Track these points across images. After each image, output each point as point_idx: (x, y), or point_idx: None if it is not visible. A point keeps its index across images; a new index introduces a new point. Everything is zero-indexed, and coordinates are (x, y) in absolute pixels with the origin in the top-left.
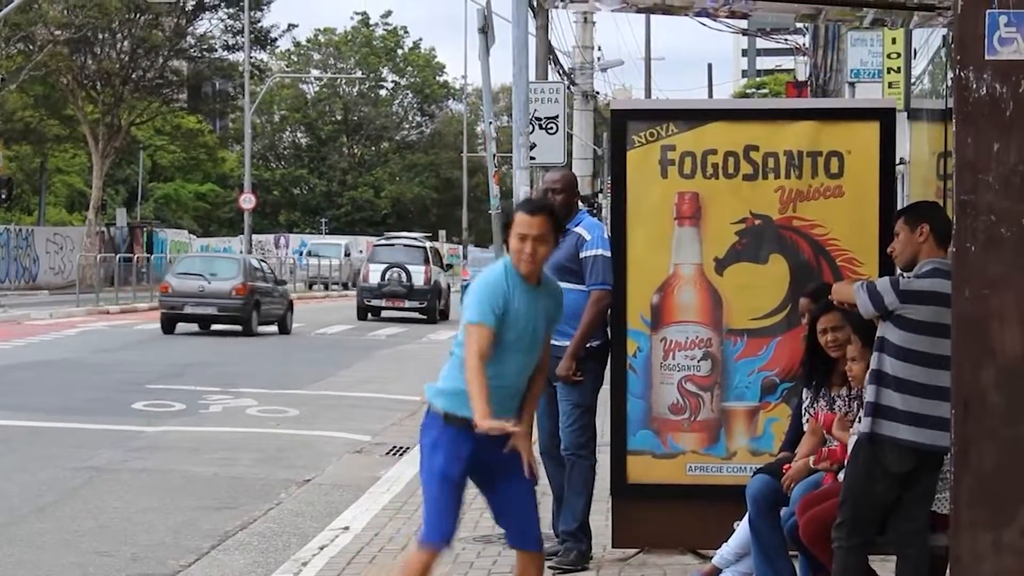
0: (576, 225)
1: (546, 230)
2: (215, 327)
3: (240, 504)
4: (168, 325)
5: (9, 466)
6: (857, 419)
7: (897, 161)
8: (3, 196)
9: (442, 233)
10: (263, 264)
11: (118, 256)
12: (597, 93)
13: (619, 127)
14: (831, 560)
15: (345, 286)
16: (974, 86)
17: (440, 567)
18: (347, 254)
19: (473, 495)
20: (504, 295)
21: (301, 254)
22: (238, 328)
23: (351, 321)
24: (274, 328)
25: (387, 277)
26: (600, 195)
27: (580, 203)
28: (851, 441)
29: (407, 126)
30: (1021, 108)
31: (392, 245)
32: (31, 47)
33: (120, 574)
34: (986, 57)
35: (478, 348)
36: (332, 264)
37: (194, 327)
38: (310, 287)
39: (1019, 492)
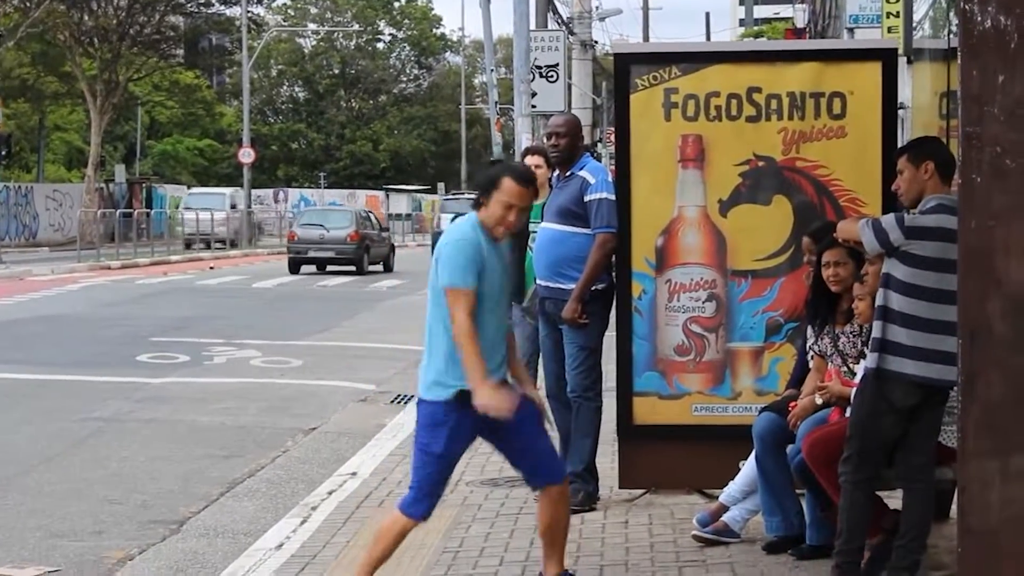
0: (580, 169)
1: (531, 200)
2: (330, 268)
3: (247, 452)
4: (294, 267)
5: (17, 418)
6: (861, 356)
7: (898, 106)
8: (2, 153)
9: (441, 186)
10: (371, 215)
11: (118, 212)
12: (596, 42)
13: (622, 71)
14: (837, 490)
15: (235, 243)
16: (979, 19)
17: (447, 510)
18: (233, 206)
19: (478, 440)
20: (480, 254)
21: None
22: (352, 268)
23: (350, 274)
24: (380, 267)
25: None
26: (600, 144)
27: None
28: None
29: (405, 79)
30: None
31: (458, 199)
32: (28, 4)
33: (130, 521)
34: None
35: (467, 313)
36: (216, 218)
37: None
38: (188, 247)
39: None
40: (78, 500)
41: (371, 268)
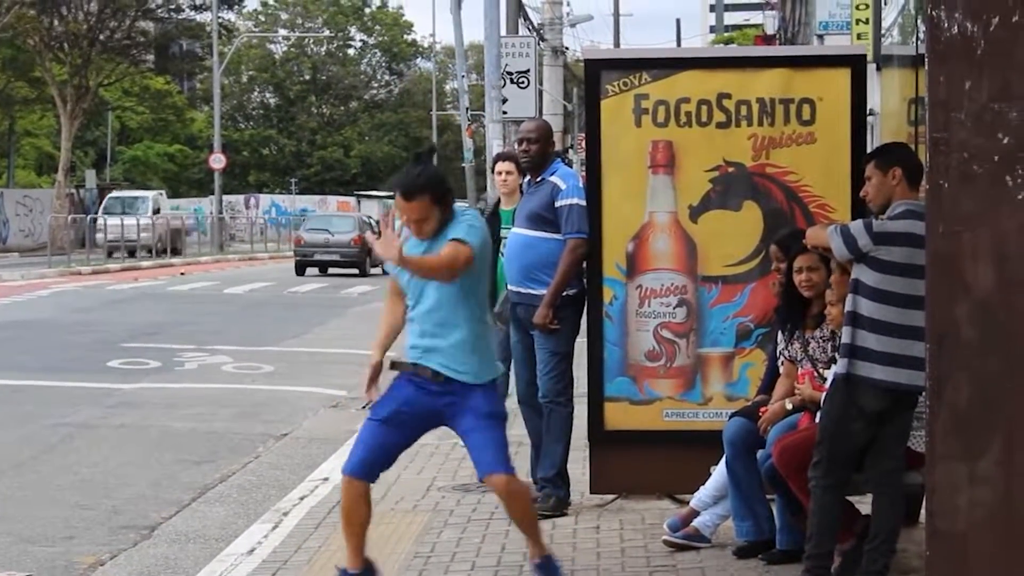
0: (551, 175)
1: (424, 213)
2: (332, 271)
3: (219, 458)
4: (300, 269)
5: None
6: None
7: (867, 112)
8: None
9: None
10: (372, 220)
11: (88, 218)
12: (567, 49)
13: (592, 76)
14: (807, 495)
15: (162, 252)
16: (946, 25)
17: (419, 516)
18: (156, 211)
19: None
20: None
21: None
22: (355, 271)
23: (323, 279)
24: (379, 270)
25: None
26: (571, 150)
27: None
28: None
29: (376, 85)
30: (992, 46)
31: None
32: None
33: (102, 527)
34: None
35: (389, 287)
36: (140, 224)
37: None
38: (109, 255)
39: (992, 424)
40: (49, 505)
41: (373, 271)
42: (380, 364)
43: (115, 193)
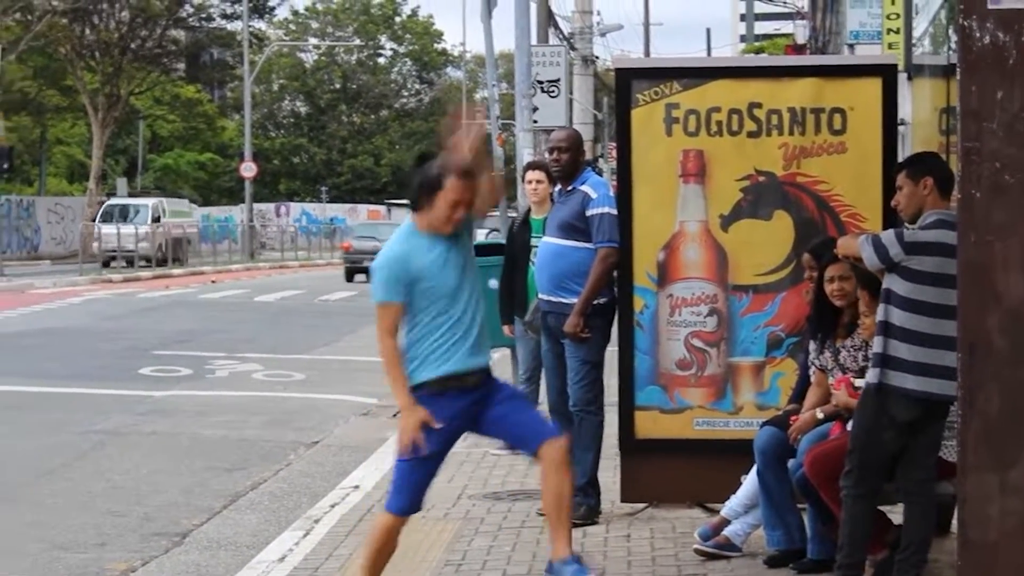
0: (582, 183)
1: (473, 195)
2: None
3: (250, 465)
4: (350, 275)
5: (19, 431)
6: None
7: (898, 122)
8: (4, 166)
9: None
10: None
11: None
12: (597, 58)
13: (623, 86)
14: (839, 505)
15: (163, 262)
16: (978, 35)
17: (450, 523)
18: (156, 219)
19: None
20: (408, 266)
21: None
22: None
23: (353, 287)
24: None
25: None
26: (602, 159)
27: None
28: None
29: (406, 94)
30: None
31: None
32: (30, 17)
33: (134, 533)
34: (989, 6)
35: (387, 331)
36: (139, 233)
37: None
38: (106, 265)
39: None
40: (80, 512)
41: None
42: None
43: (113, 200)
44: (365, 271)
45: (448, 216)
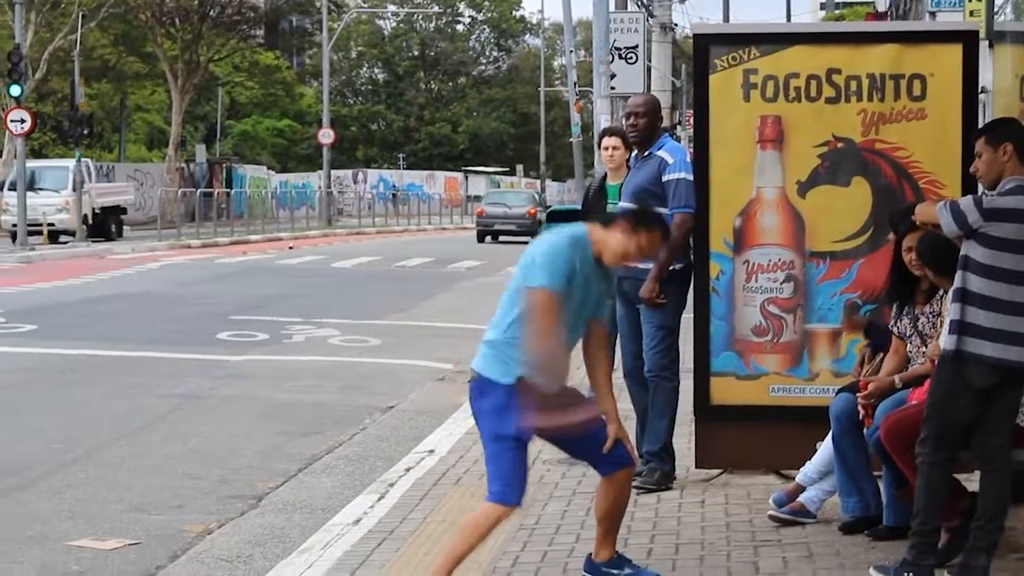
0: (659, 149)
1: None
2: (503, 239)
3: (325, 430)
4: (481, 237)
5: (98, 394)
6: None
7: (979, 90)
8: (84, 133)
9: (519, 167)
10: (540, 195)
11: (198, 192)
12: (675, 25)
13: (702, 51)
14: (914, 473)
15: (95, 236)
16: None
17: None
18: (78, 185)
19: None
20: (572, 263)
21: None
22: (528, 239)
23: (430, 253)
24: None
25: None
26: (679, 126)
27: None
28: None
29: (484, 61)
30: None
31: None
32: None
33: (209, 496)
34: None
35: (549, 323)
36: (55, 204)
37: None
38: (14, 239)
39: None
40: (158, 475)
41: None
42: None
43: (31, 163)
44: (496, 233)
45: (623, 254)
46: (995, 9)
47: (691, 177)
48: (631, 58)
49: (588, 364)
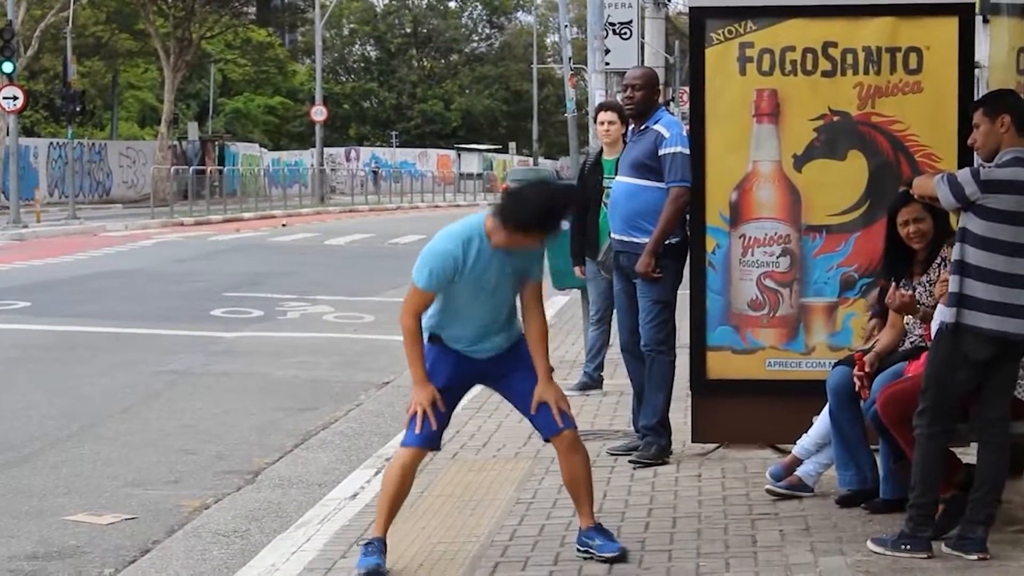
0: (655, 123)
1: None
2: None
3: (321, 405)
4: None
5: (92, 370)
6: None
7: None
8: (76, 109)
9: (512, 145)
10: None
11: (191, 169)
12: (668, 1)
13: (697, 25)
14: (911, 446)
15: None
16: None
17: (520, 463)
18: None
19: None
20: (456, 266)
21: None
22: None
23: (423, 231)
24: None
25: None
26: (672, 103)
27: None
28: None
29: (476, 38)
30: None
31: None
32: None
33: (206, 471)
34: None
35: (415, 310)
36: None
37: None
38: None
39: None
40: (154, 450)
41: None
42: None
43: None
44: None
45: (505, 244)
46: None
47: (687, 151)
48: (625, 33)
49: (523, 321)
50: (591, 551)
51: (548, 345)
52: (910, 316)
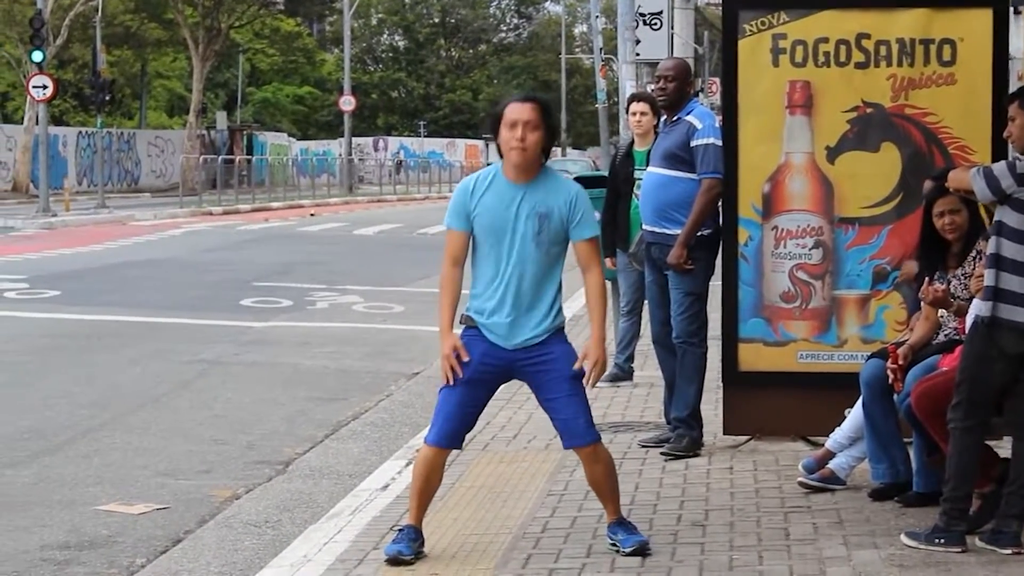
0: (687, 114)
1: (533, 115)
2: None
3: (351, 396)
4: None
5: (123, 360)
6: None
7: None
8: (105, 99)
9: None
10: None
11: (219, 159)
12: None
13: (730, 16)
14: (945, 439)
15: None
16: None
17: (552, 454)
18: None
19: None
20: (469, 198)
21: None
22: None
23: None
24: None
25: None
26: (702, 94)
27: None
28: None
29: (504, 28)
30: None
31: None
32: None
33: (237, 461)
34: None
35: (449, 256)
36: None
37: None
38: None
39: None
40: (185, 440)
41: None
42: None
43: None
44: None
45: (508, 137)
46: None
47: (720, 142)
48: (655, 24)
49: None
50: (616, 545)
51: (605, 305)
52: (944, 310)
